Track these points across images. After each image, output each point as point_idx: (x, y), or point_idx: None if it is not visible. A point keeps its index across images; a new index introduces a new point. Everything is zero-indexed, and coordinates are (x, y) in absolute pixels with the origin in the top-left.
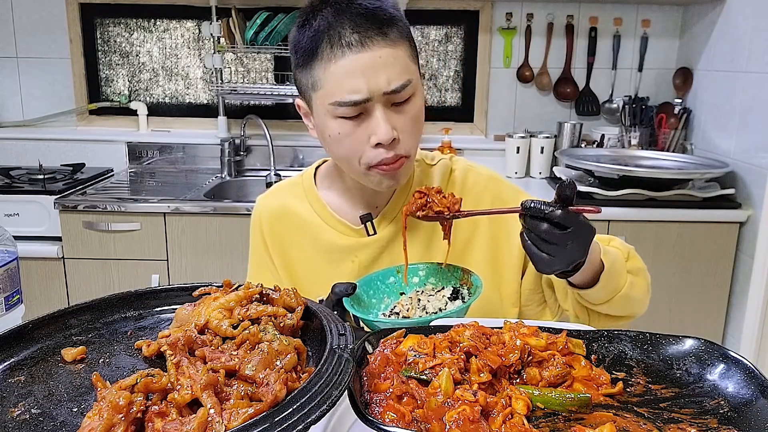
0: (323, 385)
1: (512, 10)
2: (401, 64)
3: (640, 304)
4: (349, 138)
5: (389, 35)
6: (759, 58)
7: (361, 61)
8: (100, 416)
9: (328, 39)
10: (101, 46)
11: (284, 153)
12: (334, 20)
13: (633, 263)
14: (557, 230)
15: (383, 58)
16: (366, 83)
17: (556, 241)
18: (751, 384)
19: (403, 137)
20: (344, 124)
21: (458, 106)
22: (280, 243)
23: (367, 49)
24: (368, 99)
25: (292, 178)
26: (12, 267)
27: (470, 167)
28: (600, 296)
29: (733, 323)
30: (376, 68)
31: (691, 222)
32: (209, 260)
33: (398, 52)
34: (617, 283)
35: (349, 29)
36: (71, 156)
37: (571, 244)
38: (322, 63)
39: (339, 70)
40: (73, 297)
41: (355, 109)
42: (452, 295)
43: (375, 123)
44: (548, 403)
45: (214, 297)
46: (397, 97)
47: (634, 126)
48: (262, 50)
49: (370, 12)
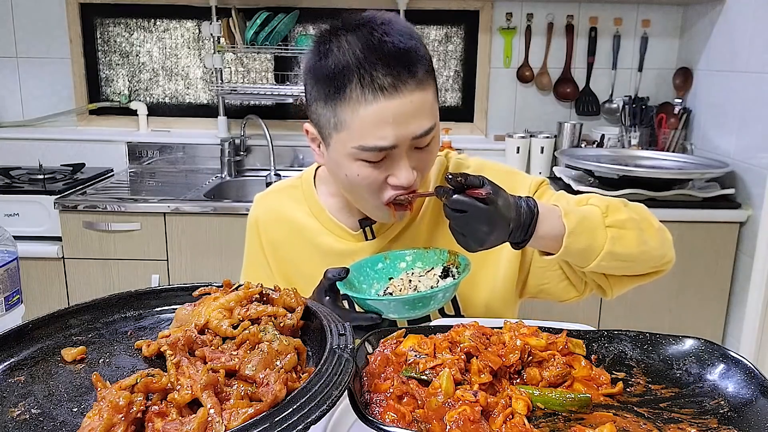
0: (323, 385)
1: (512, 10)
2: (428, 107)
3: (647, 256)
4: (367, 181)
5: (418, 76)
6: (759, 58)
7: (393, 108)
8: (100, 416)
9: (358, 79)
10: (101, 46)
11: (284, 153)
12: (364, 57)
13: (614, 217)
14: (456, 213)
15: (414, 103)
16: (394, 130)
17: (460, 224)
18: (751, 384)
19: (419, 177)
20: (365, 167)
21: (458, 106)
22: (277, 245)
23: (399, 95)
24: (395, 146)
25: (291, 180)
26: (12, 267)
27: (461, 161)
28: (579, 259)
29: (733, 323)
30: (407, 115)
31: (691, 222)
32: (209, 260)
33: (427, 95)
34: (593, 240)
35: (382, 71)
36: (71, 156)
37: (474, 225)
38: (351, 104)
39: (369, 115)
40: (73, 297)
41: (379, 154)
42: (443, 274)
43: (397, 167)
44: (548, 403)
45: (214, 297)
46: (422, 142)
47: (634, 126)
48: (262, 50)
49: (403, 52)
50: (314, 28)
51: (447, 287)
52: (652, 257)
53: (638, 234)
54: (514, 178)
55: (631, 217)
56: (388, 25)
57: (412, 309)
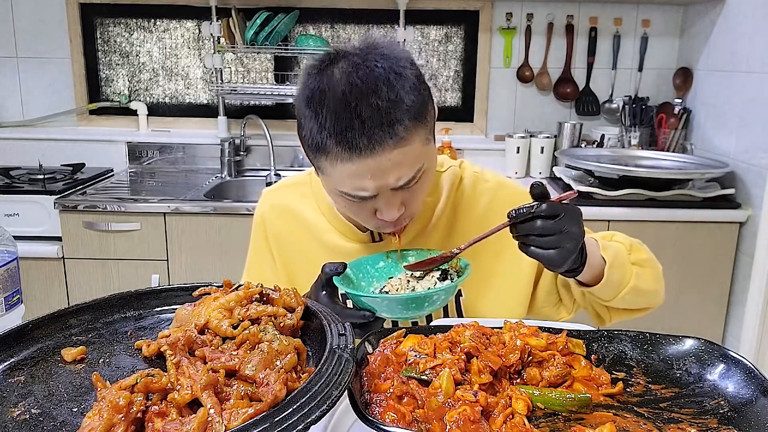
0: (323, 385)
1: (512, 10)
2: (413, 157)
3: (654, 295)
4: (356, 212)
5: (400, 134)
6: (759, 58)
7: (370, 165)
8: (100, 416)
9: (335, 138)
10: (101, 46)
11: (284, 153)
12: (342, 119)
13: (636, 255)
14: (550, 221)
15: (392, 160)
16: (374, 183)
17: (553, 231)
18: (751, 384)
19: (410, 208)
20: (351, 203)
21: (458, 106)
22: (283, 239)
23: (376, 154)
24: (375, 195)
25: (301, 176)
26: (12, 267)
27: (478, 174)
28: (609, 292)
29: (733, 323)
30: (385, 171)
31: (691, 222)
32: (209, 260)
33: (409, 148)
34: (623, 276)
35: (356, 132)
36: (71, 156)
37: (568, 228)
38: (329, 158)
39: (346, 170)
40: (73, 297)
41: (362, 200)
42: (441, 276)
43: (381, 205)
44: (548, 403)
45: (214, 297)
46: (406, 186)
47: (634, 126)
48: (262, 50)
49: (382, 112)
50: (314, 29)
51: (442, 289)
52: (657, 299)
53: (654, 273)
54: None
55: (650, 258)
56: (373, 71)
57: (406, 309)
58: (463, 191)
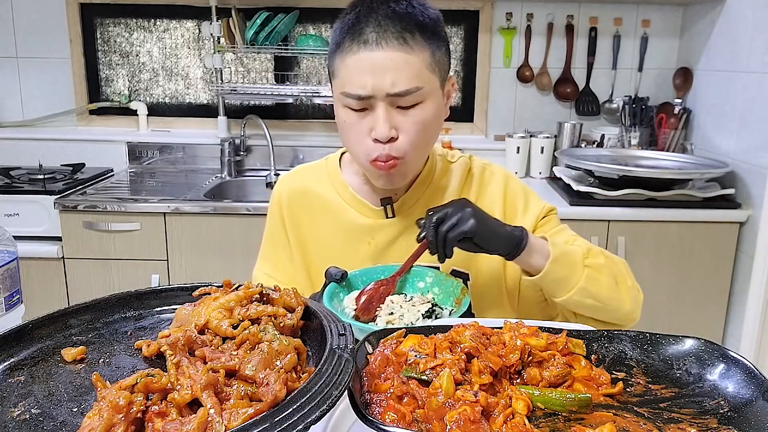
0: (323, 385)
1: (512, 10)
2: (413, 69)
3: (614, 303)
4: (354, 128)
5: (408, 41)
6: (759, 58)
7: (372, 60)
8: (100, 416)
9: (350, 34)
10: (101, 46)
11: (284, 153)
12: (362, 17)
13: (593, 260)
14: (444, 208)
15: (394, 60)
16: (372, 81)
17: (453, 216)
18: (751, 384)
19: (402, 138)
20: (350, 114)
21: (458, 106)
22: (298, 221)
23: (380, 50)
24: (372, 96)
25: (316, 162)
26: (12, 267)
27: (486, 165)
28: (556, 288)
29: (733, 323)
30: (385, 69)
31: (691, 222)
32: (209, 260)
33: (413, 58)
34: (571, 274)
35: (370, 27)
36: (71, 156)
37: (456, 210)
38: (341, 54)
39: (352, 63)
40: (73, 297)
41: (359, 103)
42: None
43: (375, 119)
44: (548, 403)
45: (214, 297)
46: (402, 101)
47: (634, 126)
48: (262, 50)
49: (397, 16)
50: (314, 29)
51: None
52: (618, 308)
53: (611, 282)
54: (528, 197)
55: (608, 266)
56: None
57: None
58: (472, 180)
